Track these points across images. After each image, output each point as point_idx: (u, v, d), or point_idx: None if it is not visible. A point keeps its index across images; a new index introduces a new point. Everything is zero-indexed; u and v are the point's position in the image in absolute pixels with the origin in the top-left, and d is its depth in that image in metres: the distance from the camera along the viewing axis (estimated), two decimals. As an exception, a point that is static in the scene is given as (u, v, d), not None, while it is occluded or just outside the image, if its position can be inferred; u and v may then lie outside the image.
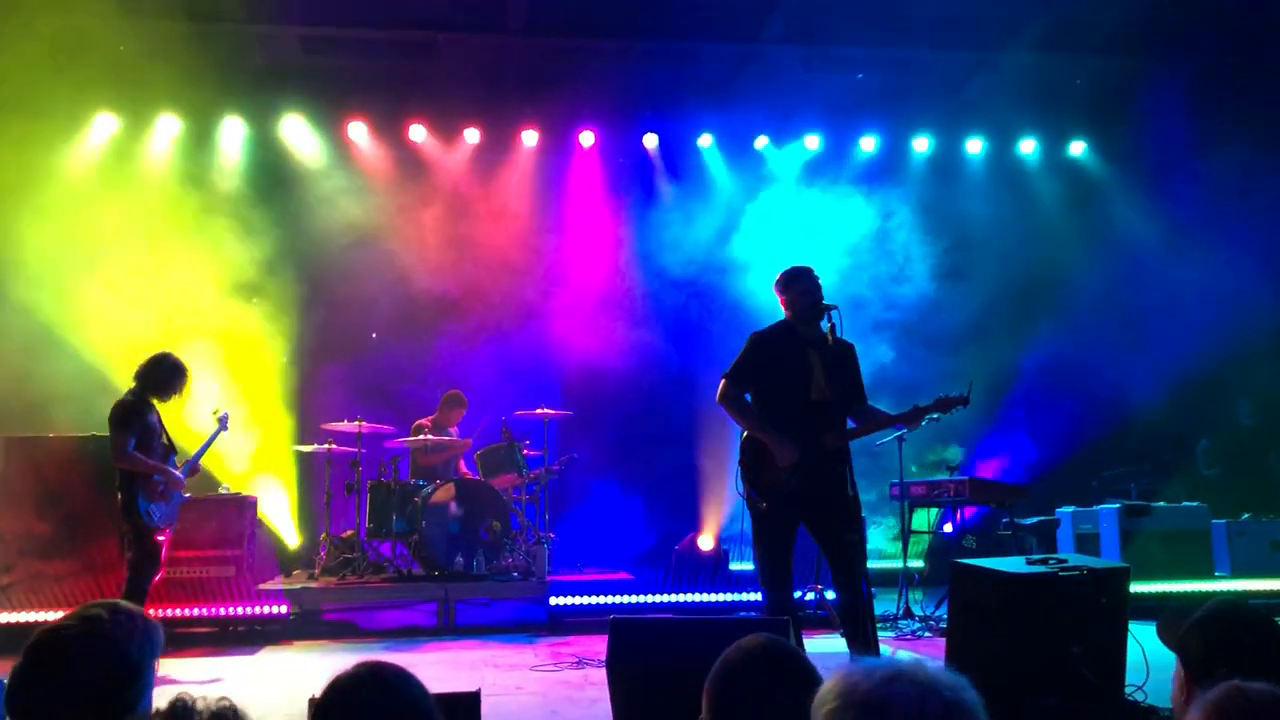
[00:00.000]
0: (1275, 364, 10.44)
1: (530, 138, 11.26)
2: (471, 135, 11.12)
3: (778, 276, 5.77)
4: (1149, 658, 4.73)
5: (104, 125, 10.34)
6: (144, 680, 2.15)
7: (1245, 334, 10.54)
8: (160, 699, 1.97)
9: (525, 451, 9.50)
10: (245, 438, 9.82)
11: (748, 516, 5.64)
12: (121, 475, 6.51)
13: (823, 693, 1.50)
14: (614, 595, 8.24)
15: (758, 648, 1.97)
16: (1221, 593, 8.25)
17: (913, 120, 11.57)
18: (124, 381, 6.94)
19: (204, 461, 7.24)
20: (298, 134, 10.82)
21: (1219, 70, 10.49)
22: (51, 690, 2.03)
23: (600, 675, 5.18)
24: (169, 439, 6.82)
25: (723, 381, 5.66)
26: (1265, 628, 2.39)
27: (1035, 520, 9.21)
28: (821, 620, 7.64)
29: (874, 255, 10.86)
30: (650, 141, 11.53)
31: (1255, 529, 9.14)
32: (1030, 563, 5.06)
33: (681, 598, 8.31)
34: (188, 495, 7.15)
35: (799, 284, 5.65)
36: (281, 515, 10.21)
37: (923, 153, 11.79)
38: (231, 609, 7.82)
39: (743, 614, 7.87)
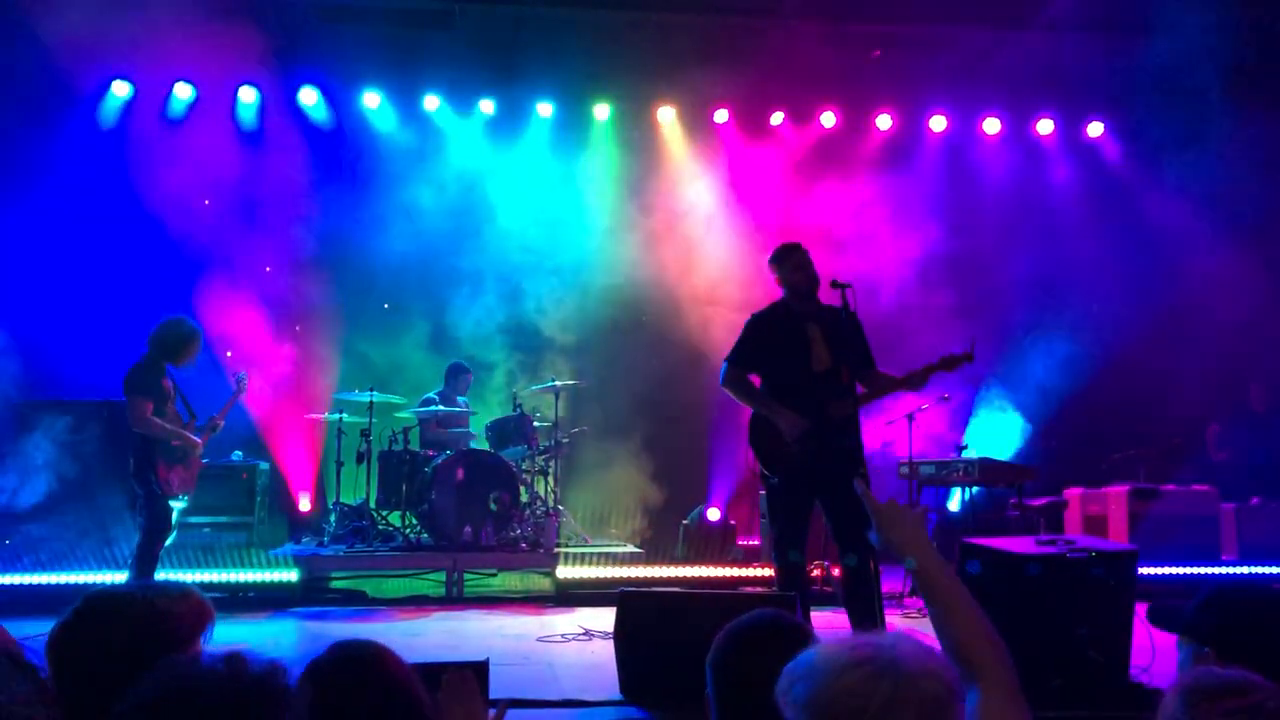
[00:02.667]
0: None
1: (545, 110, 11.21)
2: (487, 106, 11.08)
3: (770, 254, 5.83)
4: (1154, 640, 4.74)
5: (119, 91, 10.34)
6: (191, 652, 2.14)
7: (1258, 318, 10.49)
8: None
9: (535, 423, 9.53)
10: (258, 405, 9.87)
11: (757, 491, 5.70)
12: (137, 439, 6.52)
13: (797, 690, 1.50)
14: (622, 567, 8.27)
15: (760, 621, 1.98)
16: (1227, 576, 8.27)
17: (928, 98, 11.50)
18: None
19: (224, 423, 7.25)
20: (312, 102, 10.80)
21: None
22: (93, 647, 2.04)
23: (608, 647, 5.22)
24: (185, 404, 6.84)
25: (724, 366, 5.75)
26: (1275, 608, 2.38)
27: (1044, 501, 9.21)
28: (829, 596, 7.66)
29: (889, 235, 10.84)
30: (664, 115, 11.48)
31: (1264, 513, 9.12)
32: (1040, 543, 5.07)
33: (689, 572, 8.35)
34: (205, 461, 7.18)
35: (791, 259, 5.74)
36: (293, 483, 10.28)
37: (939, 131, 11.72)
38: (242, 575, 7.88)
39: (750, 588, 7.91)
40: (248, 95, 10.62)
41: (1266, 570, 8.57)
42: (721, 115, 11.44)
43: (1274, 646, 2.10)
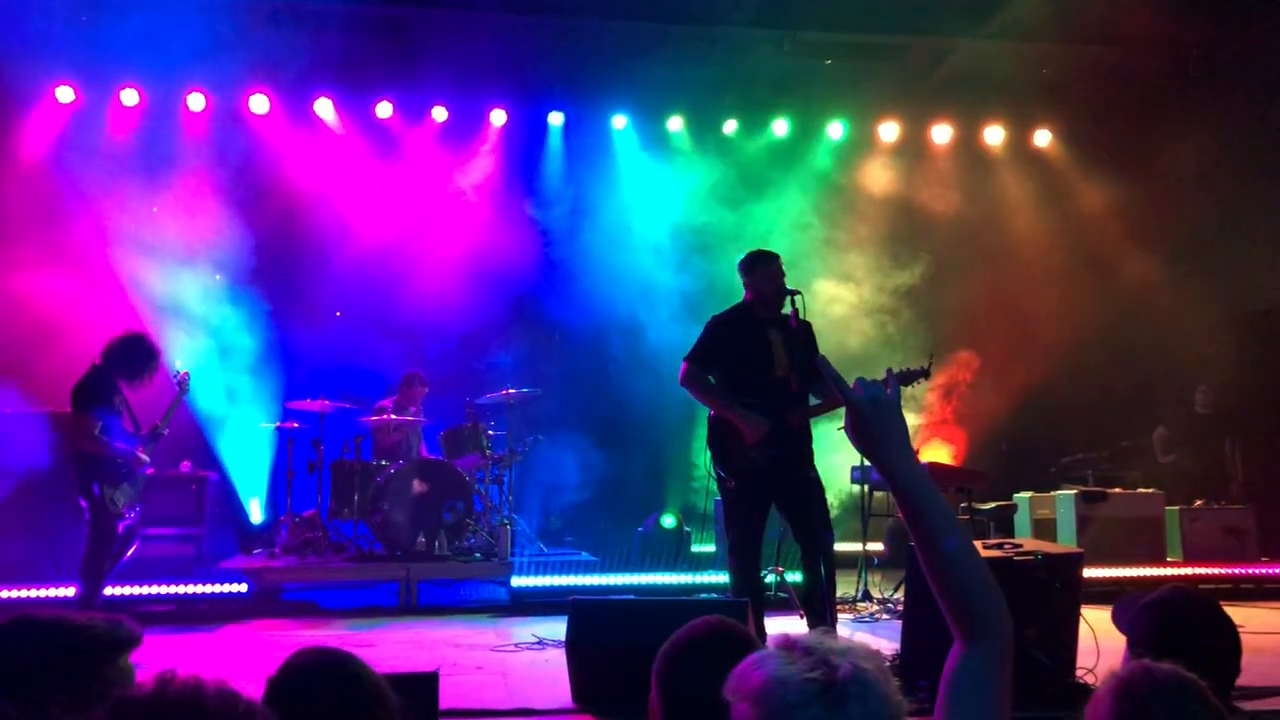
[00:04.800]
0: (1230, 354, 10.60)
1: (499, 117, 11.20)
2: (439, 114, 11.05)
3: (741, 260, 5.86)
4: (1100, 641, 4.82)
5: (61, 96, 10.18)
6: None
7: (1201, 323, 10.70)
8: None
9: (489, 432, 9.49)
10: (208, 414, 9.75)
11: (711, 498, 5.73)
12: (82, 454, 6.38)
13: (743, 685, 1.51)
14: (576, 576, 8.26)
15: (703, 628, 2.00)
16: (1173, 577, 8.41)
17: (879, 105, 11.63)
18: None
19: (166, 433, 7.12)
20: (263, 108, 10.70)
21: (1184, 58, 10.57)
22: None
23: (561, 655, 5.21)
24: (133, 418, 6.70)
25: (684, 364, 5.75)
26: (1208, 612, 2.49)
27: (994, 505, 9.32)
28: (783, 602, 7.70)
29: (845, 241, 10.95)
30: (619, 122, 11.51)
31: (1208, 516, 9.29)
32: (987, 547, 5.14)
33: (644, 579, 8.34)
34: (150, 471, 7.06)
35: (764, 269, 5.77)
36: (243, 493, 10.15)
37: (888, 138, 11.84)
38: (191, 587, 7.76)
39: (704, 595, 7.93)
40: (196, 101, 10.51)
41: (1209, 571, 8.73)
42: (675, 122, 11.49)
43: (1203, 648, 2.26)
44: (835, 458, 9.07)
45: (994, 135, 11.95)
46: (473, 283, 10.62)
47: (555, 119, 11.41)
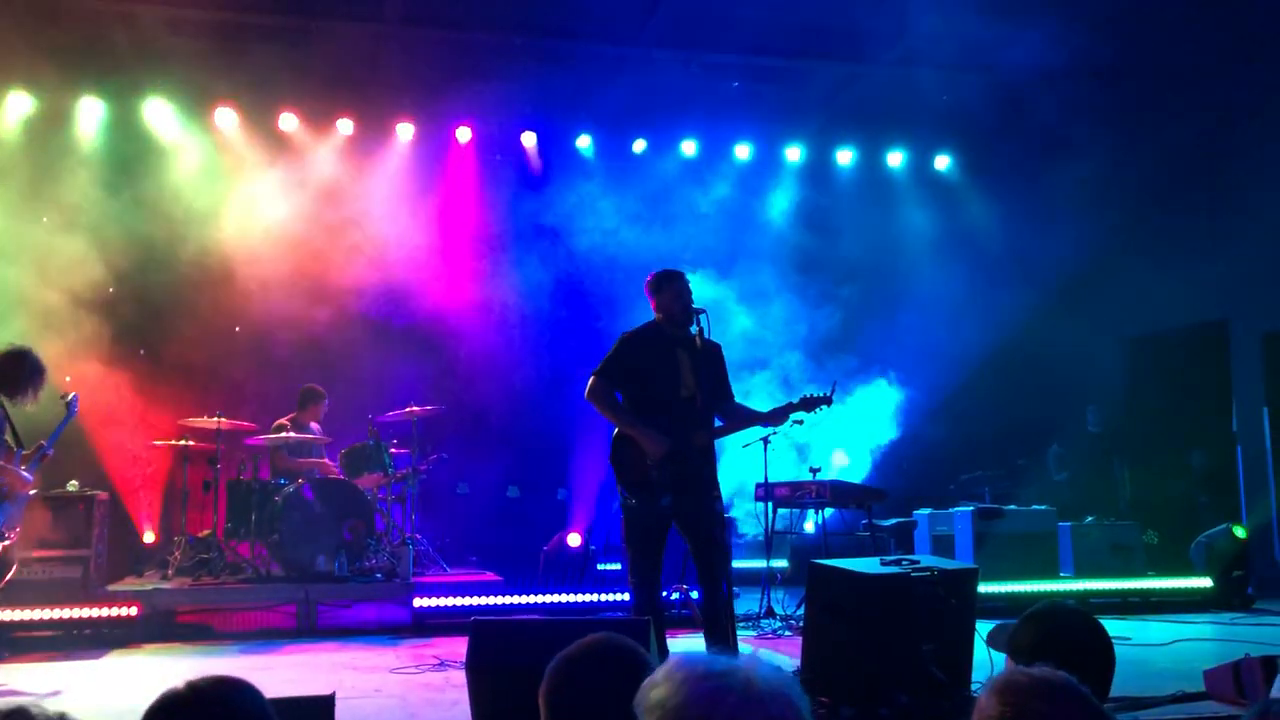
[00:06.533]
0: (1120, 374, 10.98)
1: (405, 131, 11.10)
2: (345, 126, 10.91)
3: (648, 278, 5.86)
4: (993, 655, 4.91)
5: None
6: None
7: (1093, 345, 11.05)
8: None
9: (392, 450, 9.34)
10: (98, 432, 9.43)
11: (617, 517, 5.71)
12: (-42, 474, 6.11)
13: (657, 702, 1.52)
14: (480, 596, 8.14)
15: (590, 645, 1.98)
16: (1063, 592, 8.65)
17: (786, 129, 11.80)
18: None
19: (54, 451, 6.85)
20: (161, 118, 10.43)
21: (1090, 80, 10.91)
22: None
23: (461, 677, 5.12)
24: (15, 435, 6.43)
25: (592, 378, 5.73)
26: (1083, 623, 2.61)
27: (894, 522, 9.48)
28: (686, 619, 7.72)
29: (750, 260, 11.07)
30: (528, 140, 11.49)
31: (1097, 531, 9.57)
32: (884, 564, 5.22)
33: (549, 598, 8.28)
34: (33, 493, 6.79)
35: (672, 286, 5.77)
36: (135, 514, 9.83)
37: (794, 161, 12.03)
38: (76, 611, 7.47)
39: (608, 614, 7.90)
40: (90, 109, 10.22)
41: (1100, 585, 8.99)
42: (584, 141, 11.51)
43: (1079, 655, 2.38)
44: (741, 475, 9.18)
45: (895, 159, 12.23)
46: (377, 300, 10.51)
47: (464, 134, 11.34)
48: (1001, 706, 1.75)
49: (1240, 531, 9.44)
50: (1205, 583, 9.13)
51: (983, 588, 5.81)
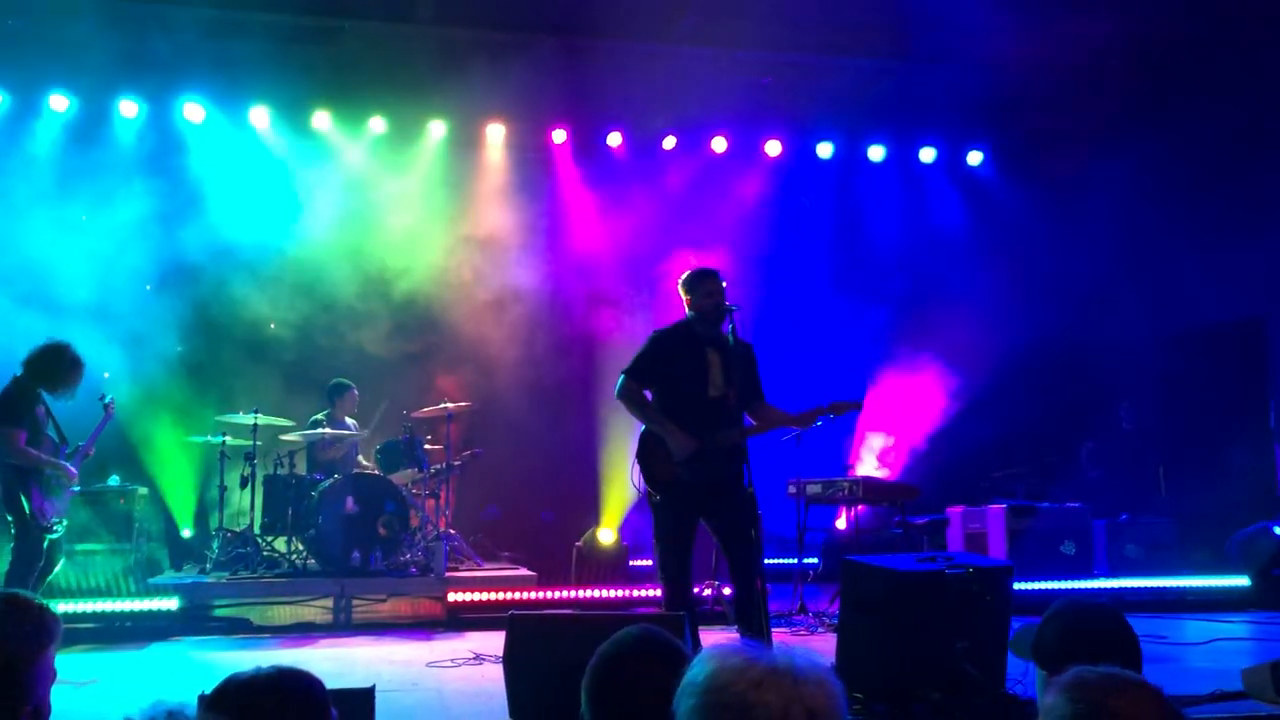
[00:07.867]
0: (1154, 370, 10.87)
1: (439, 129, 11.15)
2: (377, 125, 10.97)
3: (681, 277, 5.88)
4: (1027, 653, 4.90)
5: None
6: (27, 672, 2.08)
7: (1128, 341, 10.95)
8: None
9: (426, 446, 9.41)
10: (138, 428, 9.57)
11: (649, 511, 5.74)
12: (7, 468, 6.25)
13: (690, 682, 1.54)
14: (514, 591, 8.22)
15: (629, 637, 2.01)
16: (1097, 590, 8.60)
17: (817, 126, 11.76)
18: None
19: (94, 450, 6.99)
20: (199, 118, 10.54)
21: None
22: None
23: (497, 671, 5.18)
24: (58, 430, 6.58)
25: (621, 377, 5.76)
26: (1108, 615, 2.57)
27: (926, 519, 9.46)
28: (718, 616, 7.74)
29: (771, 258, 11.07)
30: (559, 136, 11.51)
31: (1132, 529, 9.50)
32: (920, 560, 5.21)
33: (582, 594, 8.33)
34: (78, 488, 6.92)
35: (704, 286, 5.78)
36: (174, 508, 9.96)
37: (825, 157, 11.99)
38: (118, 604, 7.60)
39: (641, 609, 7.93)
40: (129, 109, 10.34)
41: (1134, 583, 8.93)
42: (615, 139, 11.53)
43: (1106, 650, 2.25)
44: (772, 473, 9.18)
45: (928, 155, 12.16)
46: (415, 296, 10.58)
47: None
48: (1073, 705, 1.71)
49: (1278, 530, 9.34)
50: (1242, 581, 9.04)
51: (1016, 585, 5.78)
